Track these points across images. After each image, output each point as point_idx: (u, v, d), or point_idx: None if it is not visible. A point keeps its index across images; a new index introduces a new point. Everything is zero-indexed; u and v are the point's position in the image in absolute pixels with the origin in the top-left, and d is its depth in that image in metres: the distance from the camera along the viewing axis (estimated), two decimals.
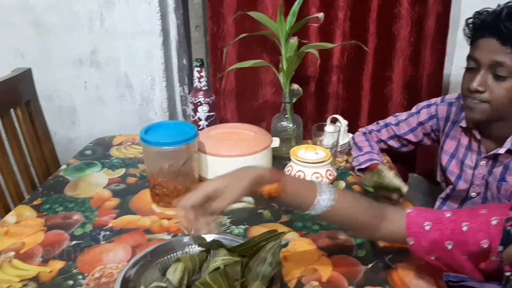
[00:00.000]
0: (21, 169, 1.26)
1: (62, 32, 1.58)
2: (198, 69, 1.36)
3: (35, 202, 1.15)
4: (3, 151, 1.20)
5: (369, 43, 1.50)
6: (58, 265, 0.93)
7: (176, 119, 1.78)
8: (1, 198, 1.17)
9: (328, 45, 1.34)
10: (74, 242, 1.01)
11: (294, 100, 1.42)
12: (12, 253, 0.96)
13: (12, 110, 1.26)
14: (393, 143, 1.35)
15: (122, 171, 1.33)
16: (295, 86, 1.43)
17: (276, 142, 1.30)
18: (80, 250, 0.98)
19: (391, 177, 1.10)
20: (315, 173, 1.20)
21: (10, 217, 1.09)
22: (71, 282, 0.89)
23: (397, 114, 1.36)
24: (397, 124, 1.32)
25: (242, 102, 1.62)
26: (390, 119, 1.35)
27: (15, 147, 1.25)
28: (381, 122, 1.37)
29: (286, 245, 0.99)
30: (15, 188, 1.22)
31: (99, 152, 1.44)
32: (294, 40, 1.37)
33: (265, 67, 1.56)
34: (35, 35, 1.59)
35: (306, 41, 1.45)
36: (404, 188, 1.09)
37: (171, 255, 0.92)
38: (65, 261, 0.94)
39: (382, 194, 1.12)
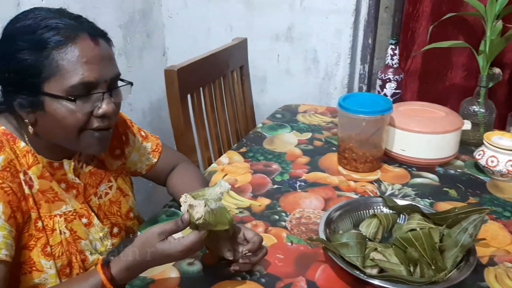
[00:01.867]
0: (231, 121, 1.49)
1: (267, 9, 1.78)
2: (393, 46, 1.41)
3: (241, 150, 1.36)
4: (223, 105, 1.44)
5: None
6: (265, 201, 1.11)
7: None
8: (217, 143, 1.42)
9: None
10: (275, 186, 1.17)
11: (491, 85, 1.38)
12: (229, 186, 1.16)
13: (229, 72, 1.50)
14: None
15: (308, 134, 1.47)
16: (496, 70, 1.38)
17: (467, 125, 1.28)
18: (281, 193, 1.14)
19: None
20: (509, 160, 1.16)
21: (224, 158, 1.32)
22: (277, 217, 1.05)
23: None
24: None
25: (425, 83, 1.63)
26: None
27: (229, 103, 1.48)
28: None
29: (485, 221, 1.00)
30: (226, 136, 1.46)
31: (287, 116, 1.61)
32: (499, 23, 1.32)
33: (459, 50, 1.54)
34: (244, 11, 1.83)
35: (510, 25, 1.38)
36: None
37: (362, 211, 1.02)
38: (270, 200, 1.11)
39: None
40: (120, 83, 0.83)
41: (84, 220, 0.88)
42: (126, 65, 1.73)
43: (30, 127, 0.79)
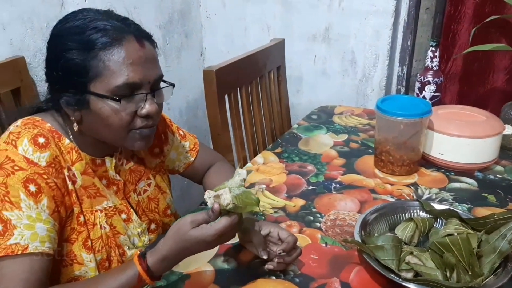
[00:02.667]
0: (266, 121, 1.51)
1: (305, 9, 1.78)
2: (433, 49, 1.38)
3: (276, 150, 1.37)
4: (259, 105, 1.46)
5: None
6: (299, 202, 1.11)
7: None
8: (253, 142, 1.44)
9: None
10: (310, 187, 1.18)
11: None
12: (264, 186, 1.18)
13: (266, 73, 1.52)
14: None
15: (344, 136, 1.46)
16: None
17: (508, 129, 1.25)
18: (316, 194, 1.15)
19: None
20: None
21: (259, 158, 1.33)
22: (311, 218, 1.05)
23: None
24: None
25: (466, 86, 1.60)
26: None
27: (265, 103, 1.50)
28: None
29: None
30: (262, 136, 1.48)
31: (323, 117, 1.61)
32: None
33: (501, 53, 1.49)
34: (281, 11, 1.83)
35: None
36: None
37: (398, 214, 1.01)
38: (305, 200, 1.12)
39: None
40: (162, 84, 0.85)
41: (124, 216, 0.91)
42: (165, 65, 1.77)
43: (75, 124, 0.82)
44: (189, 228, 0.74)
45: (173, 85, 0.87)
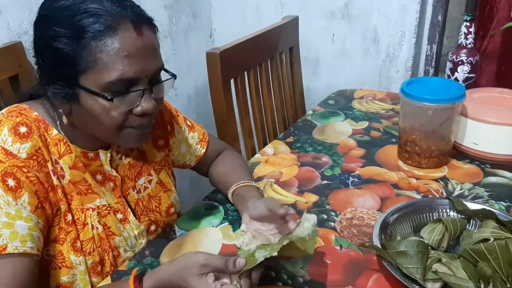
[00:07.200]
0: (277, 108, 1.40)
1: None
2: (468, 24, 1.23)
3: (288, 140, 1.26)
4: (269, 91, 1.35)
5: None
6: (312, 198, 1.00)
7: None
8: (262, 131, 1.33)
9: None
10: (324, 181, 1.06)
11: None
12: (272, 180, 1.08)
13: (278, 54, 1.40)
14: None
15: (365, 123, 1.34)
16: None
17: None
18: (330, 189, 1.03)
19: None
20: None
21: (269, 149, 1.22)
22: (325, 216, 0.94)
23: None
24: None
25: (505, 66, 1.45)
26: None
27: (276, 88, 1.38)
28: None
29: None
30: (272, 124, 1.36)
31: (341, 103, 1.48)
32: None
33: None
34: None
35: None
36: None
37: (425, 214, 0.89)
38: (318, 196, 1.01)
39: None
40: (163, 77, 0.76)
41: (120, 216, 0.83)
42: (171, 48, 1.68)
43: (64, 117, 0.74)
44: (196, 272, 0.66)
45: (175, 77, 0.77)
